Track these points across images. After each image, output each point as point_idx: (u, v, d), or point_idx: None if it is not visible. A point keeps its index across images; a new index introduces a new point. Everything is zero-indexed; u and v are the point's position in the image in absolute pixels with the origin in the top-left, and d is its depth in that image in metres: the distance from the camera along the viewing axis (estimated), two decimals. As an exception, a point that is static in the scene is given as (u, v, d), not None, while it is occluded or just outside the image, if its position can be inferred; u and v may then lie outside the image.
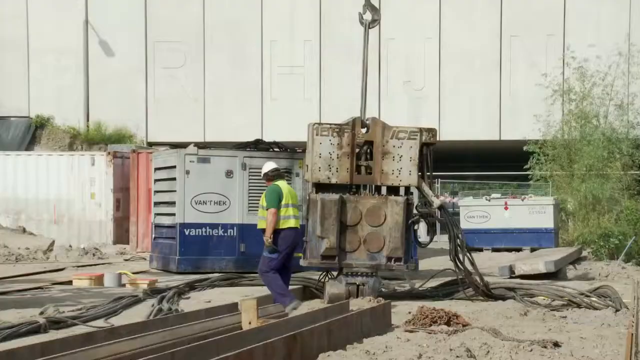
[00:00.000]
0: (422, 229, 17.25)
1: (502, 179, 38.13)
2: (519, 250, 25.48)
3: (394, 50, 31.29)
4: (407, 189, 12.97)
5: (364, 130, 12.80)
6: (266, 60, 32.24)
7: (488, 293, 13.11)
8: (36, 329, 9.02)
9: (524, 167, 29.65)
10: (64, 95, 32.30)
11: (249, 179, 16.02)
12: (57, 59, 32.34)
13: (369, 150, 12.87)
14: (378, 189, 12.92)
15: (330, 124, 12.83)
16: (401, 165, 12.71)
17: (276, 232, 11.98)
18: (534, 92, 29.66)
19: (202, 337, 7.96)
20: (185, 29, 32.11)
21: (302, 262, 12.90)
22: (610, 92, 29.37)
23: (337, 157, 12.63)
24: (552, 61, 30.15)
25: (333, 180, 12.65)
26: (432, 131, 13.02)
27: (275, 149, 17.05)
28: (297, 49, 32.06)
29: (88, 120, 32.68)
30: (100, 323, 9.74)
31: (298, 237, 12.35)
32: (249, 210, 15.87)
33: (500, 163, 34.53)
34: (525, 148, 28.91)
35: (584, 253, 24.26)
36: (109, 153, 25.96)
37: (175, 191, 16.19)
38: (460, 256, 13.08)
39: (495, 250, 25.88)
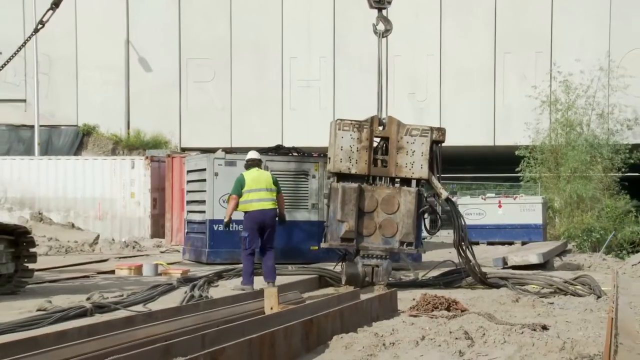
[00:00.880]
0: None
1: (496, 180, 38.09)
2: (511, 243, 25.43)
3: (399, 66, 31.20)
4: (418, 181, 12.81)
5: (381, 128, 12.70)
6: (286, 74, 32.26)
7: (484, 280, 13.09)
8: (83, 313, 9.04)
9: (516, 170, 29.65)
10: (107, 106, 32.40)
11: (271, 180, 16.00)
12: (101, 74, 32.43)
13: (385, 145, 12.75)
14: (392, 180, 12.77)
15: (351, 120, 12.68)
16: (414, 160, 12.60)
17: (245, 214, 12.11)
18: (524, 102, 29.60)
19: (229, 320, 7.97)
20: (214, 47, 32.17)
21: (322, 244, 12.84)
22: (592, 103, 29.35)
23: (357, 150, 12.51)
24: (540, 75, 30.04)
25: (353, 171, 12.53)
26: (441, 130, 12.92)
27: (294, 154, 17.02)
28: (313, 65, 32.07)
29: (129, 128, 32.78)
30: (139, 308, 9.74)
31: (266, 218, 12.12)
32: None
33: (494, 166, 34.52)
34: (516, 152, 28.92)
35: (569, 246, 24.23)
36: (147, 157, 26.05)
37: (205, 191, 16.20)
38: (463, 244, 13.06)
39: (490, 243, 25.83)
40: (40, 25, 12.63)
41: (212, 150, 17.36)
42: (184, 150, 30.40)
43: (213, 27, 32.20)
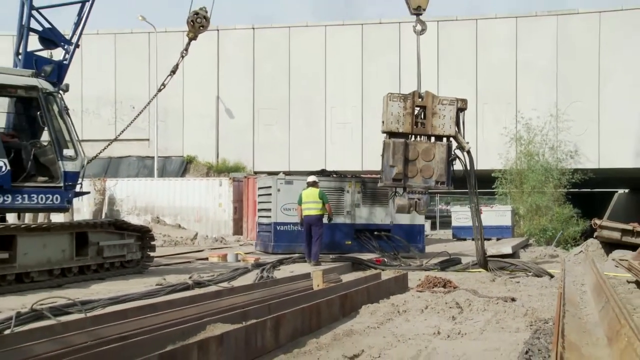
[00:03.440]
0: (427, 225, 16.97)
1: (479, 194, 37.71)
2: (488, 239, 25.01)
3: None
4: (447, 137, 12.50)
5: (420, 99, 12.42)
6: (328, 119, 32.31)
7: (484, 257, 12.81)
8: (187, 287, 9.14)
9: (492, 187, 29.32)
10: (203, 143, 32.76)
11: (318, 194, 15.98)
12: (199, 120, 32.83)
13: (423, 112, 12.46)
14: (429, 137, 12.47)
15: (399, 94, 12.50)
16: (444, 122, 12.31)
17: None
18: (498, 139, 29.31)
19: (287, 294, 7.98)
20: (277, 101, 32.37)
21: (379, 184, 12.74)
22: (546, 139, 29.07)
23: (403, 115, 12.24)
24: (509, 119, 29.80)
25: (400, 130, 12.24)
26: (464, 100, 12.54)
27: (334, 175, 17.02)
28: (347, 112, 32.08)
29: (218, 158, 33.08)
30: (225, 284, 9.81)
31: (311, 220, 13.39)
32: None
33: (477, 184, 34.08)
34: (492, 174, 28.62)
35: (530, 241, 23.89)
36: (230, 178, 26.27)
37: (271, 202, 16.26)
38: (475, 199, 12.95)
39: (474, 239, 25.45)
40: (162, 87, 12.85)
41: (276, 173, 17.43)
42: (256, 173, 30.54)
43: (277, 87, 32.44)
